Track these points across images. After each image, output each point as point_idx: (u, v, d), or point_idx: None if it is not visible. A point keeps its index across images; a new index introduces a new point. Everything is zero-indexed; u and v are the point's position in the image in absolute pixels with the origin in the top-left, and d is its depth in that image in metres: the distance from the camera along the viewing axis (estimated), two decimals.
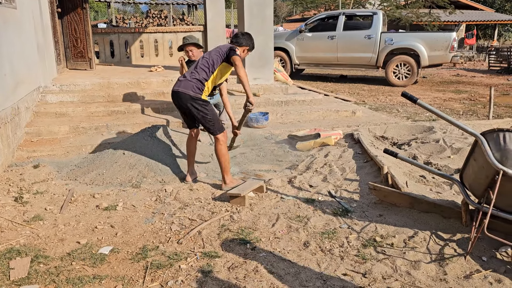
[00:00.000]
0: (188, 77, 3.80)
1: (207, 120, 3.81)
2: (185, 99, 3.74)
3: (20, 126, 5.14)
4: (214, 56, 3.80)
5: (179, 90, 3.76)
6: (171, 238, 2.98)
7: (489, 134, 2.68)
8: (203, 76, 3.76)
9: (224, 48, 3.81)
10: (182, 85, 3.77)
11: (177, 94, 3.78)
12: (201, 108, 3.77)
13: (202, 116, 3.79)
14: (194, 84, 3.74)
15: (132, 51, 10.48)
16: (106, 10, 31.02)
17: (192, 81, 3.76)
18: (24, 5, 5.71)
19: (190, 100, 3.73)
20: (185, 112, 3.89)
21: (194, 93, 3.73)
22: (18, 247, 2.84)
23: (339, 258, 2.69)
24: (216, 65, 3.79)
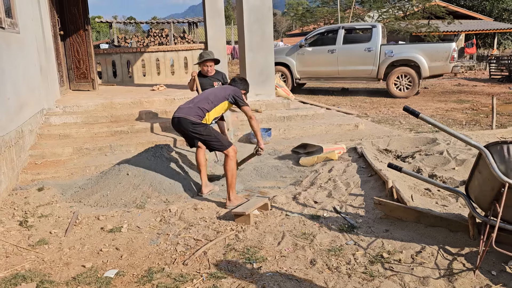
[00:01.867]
0: (190, 105, 4.00)
1: (212, 139, 3.92)
2: (186, 124, 3.88)
3: (24, 149, 5.16)
4: (221, 93, 4.10)
5: (180, 116, 3.91)
6: (177, 259, 2.96)
7: (492, 146, 2.67)
8: (205, 107, 3.97)
9: (230, 91, 4.10)
10: (183, 112, 3.94)
11: (178, 121, 3.93)
12: (202, 131, 3.90)
13: (206, 137, 3.91)
14: (195, 111, 3.92)
15: (134, 71, 10.58)
16: (108, 30, 31.42)
17: (194, 108, 3.94)
18: (27, 29, 5.79)
19: (191, 125, 3.87)
20: (187, 136, 4.03)
21: (194, 118, 3.88)
22: (24, 272, 2.83)
23: (347, 275, 2.66)
24: (220, 102, 4.05)
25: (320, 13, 21.71)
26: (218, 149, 3.99)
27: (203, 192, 4.18)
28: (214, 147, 4.00)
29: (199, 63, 5.33)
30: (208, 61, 5.24)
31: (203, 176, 4.24)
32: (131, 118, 6.58)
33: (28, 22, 5.90)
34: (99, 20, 27.48)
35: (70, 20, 8.38)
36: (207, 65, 5.26)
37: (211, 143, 3.95)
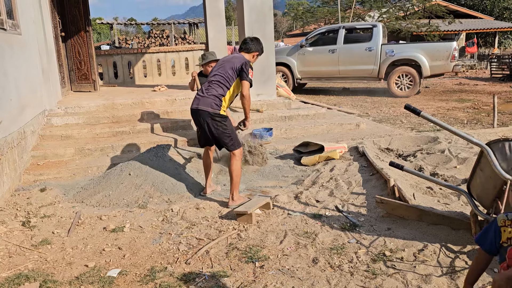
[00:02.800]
0: (205, 94, 3.84)
1: (226, 135, 3.83)
2: (204, 115, 3.79)
3: (27, 150, 5.17)
4: (230, 71, 3.86)
5: (199, 108, 3.82)
6: (179, 258, 2.97)
7: (494, 144, 2.67)
8: (220, 92, 3.83)
9: (238, 63, 3.87)
10: (201, 102, 3.82)
11: (197, 112, 3.84)
12: (220, 124, 3.81)
13: (221, 131, 3.81)
14: (212, 101, 3.79)
15: (135, 72, 10.59)
16: (108, 32, 31.46)
17: (210, 97, 3.81)
18: (29, 31, 5.81)
19: (209, 117, 3.78)
20: (203, 129, 3.89)
21: (212, 109, 3.78)
22: (27, 272, 2.84)
23: (349, 274, 2.66)
24: (232, 81, 3.87)
25: (320, 13, 21.74)
26: (228, 147, 3.87)
27: (206, 192, 4.18)
28: (225, 144, 3.88)
29: (202, 64, 5.34)
30: (212, 62, 5.24)
31: (208, 176, 4.22)
32: (132, 119, 6.59)
33: (30, 23, 5.92)
34: (100, 21, 27.56)
35: (71, 22, 8.40)
36: (211, 65, 5.25)
37: (224, 139, 3.83)
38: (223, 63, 3.98)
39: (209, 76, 3.99)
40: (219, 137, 3.85)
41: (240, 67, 3.84)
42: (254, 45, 4.06)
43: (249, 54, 4.05)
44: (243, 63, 3.86)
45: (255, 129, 6.12)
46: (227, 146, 3.91)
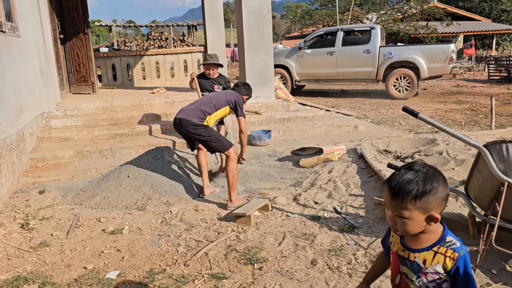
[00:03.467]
0: (193, 107, 4.06)
1: (213, 140, 3.96)
2: (187, 125, 3.92)
3: (25, 152, 5.17)
4: (223, 98, 4.19)
5: (182, 117, 3.96)
6: (178, 260, 2.97)
7: (492, 145, 2.69)
8: (207, 110, 4.04)
9: (233, 97, 4.20)
10: (186, 113, 3.98)
11: (180, 122, 3.97)
12: (203, 132, 3.93)
13: (207, 138, 3.95)
14: (196, 114, 3.97)
15: (134, 74, 10.60)
16: (107, 34, 31.48)
17: (196, 110, 4.00)
18: (28, 33, 5.81)
19: (192, 127, 3.91)
20: (188, 138, 4.06)
21: (195, 120, 3.92)
22: (25, 274, 2.84)
23: (347, 275, 2.67)
24: (221, 106, 4.14)
25: (319, 15, 21.80)
26: (219, 150, 4.02)
27: (204, 194, 4.20)
28: (215, 148, 4.02)
29: (202, 64, 5.42)
30: (212, 65, 5.29)
31: (205, 178, 4.26)
32: (131, 121, 6.60)
33: (29, 26, 5.93)
34: (98, 23, 27.56)
35: (70, 24, 8.41)
36: (210, 68, 5.31)
37: (212, 144, 3.97)
38: (219, 93, 4.42)
39: (202, 97, 4.34)
40: (206, 143, 4.01)
41: (234, 102, 4.17)
42: (245, 90, 4.44)
43: (241, 96, 4.32)
44: (238, 98, 4.21)
45: (253, 131, 6.13)
46: (217, 149, 4.04)
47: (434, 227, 1.38)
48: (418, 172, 1.33)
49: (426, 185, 1.30)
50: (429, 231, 1.39)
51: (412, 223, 1.34)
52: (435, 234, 1.39)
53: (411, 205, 1.31)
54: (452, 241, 1.37)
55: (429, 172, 1.33)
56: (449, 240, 1.37)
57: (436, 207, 1.33)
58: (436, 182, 1.31)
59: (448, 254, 1.35)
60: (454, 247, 1.36)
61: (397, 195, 1.32)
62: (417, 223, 1.34)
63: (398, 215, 1.34)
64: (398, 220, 1.35)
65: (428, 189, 1.30)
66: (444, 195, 1.34)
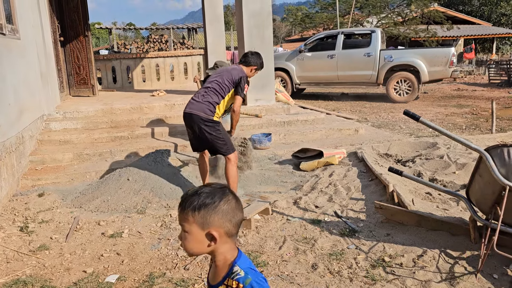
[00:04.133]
0: (200, 99, 3.89)
1: (219, 140, 3.84)
2: (197, 120, 3.81)
3: (25, 155, 5.16)
4: (227, 82, 3.93)
5: (192, 112, 3.84)
6: (178, 264, 2.96)
7: (493, 150, 2.67)
8: (215, 100, 3.87)
9: (236, 76, 3.95)
10: (194, 107, 3.85)
11: (190, 116, 3.86)
12: (213, 129, 3.82)
13: (214, 137, 3.83)
14: (206, 107, 3.83)
15: (134, 76, 10.60)
16: (107, 36, 31.52)
17: (204, 103, 3.85)
18: (28, 36, 5.81)
19: (202, 122, 3.80)
20: (196, 134, 3.90)
21: (206, 115, 3.81)
22: (25, 278, 2.82)
23: (348, 279, 2.65)
24: (227, 92, 3.94)
25: (319, 18, 21.84)
26: (222, 152, 3.89)
27: None
28: (219, 150, 3.90)
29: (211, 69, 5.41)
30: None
31: (206, 182, 4.23)
32: (131, 124, 6.59)
33: (29, 28, 5.93)
34: (98, 26, 27.58)
35: (70, 26, 8.41)
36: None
37: (217, 145, 3.85)
38: (221, 72, 4.04)
39: (206, 83, 4.04)
40: (212, 142, 3.86)
41: (237, 80, 3.93)
42: (254, 59, 4.10)
43: (247, 67, 4.10)
44: (241, 77, 3.95)
45: (254, 135, 6.12)
46: (221, 151, 3.91)
47: (225, 255, 1.27)
48: (209, 188, 1.27)
49: (207, 198, 1.24)
50: (221, 260, 1.28)
51: (191, 238, 1.25)
52: (226, 264, 1.27)
53: (191, 217, 1.23)
54: (237, 271, 1.24)
55: (217, 190, 1.27)
56: (235, 270, 1.25)
57: (217, 225, 1.23)
58: (220, 199, 1.24)
59: (234, 286, 1.23)
60: (238, 278, 1.23)
61: (181, 206, 1.26)
62: (196, 238, 1.24)
63: (182, 229, 1.27)
64: (182, 235, 1.27)
65: (208, 202, 1.23)
66: (229, 217, 1.25)
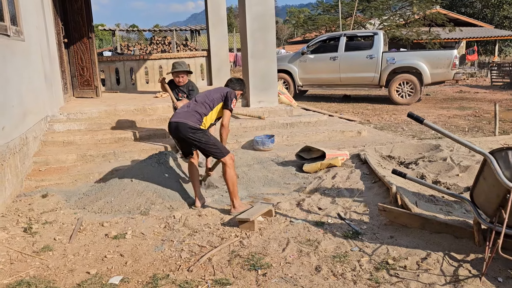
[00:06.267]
0: (187, 109, 3.95)
1: (210, 145, 3.86)
2: (184, 129, 3.82)
3: (28, 156, 5.17)
4: (216, 95, 4.07)
5: (179, 121, 3.85)
6: (181, 266, 2.96)
7: (497, 152, 2.67)
8: (203, 111, 3.93)
9: (225, 90, 4.10)
10: (181, 116, 3.88)
11: (176, 126, 3.86)
12: (201, 137, 3.84)
13: (204, 143, 3.85)
14: (193, 115, 3.87)
15: (137, 78, 10.62)
16: (111, 38, 31.59)
17: (191, 112, 3.90)
18: (32, 37, 5.83)
19: (190, 131, 3.81)
20: (185, 143, 3.96)
21: (193, 123, 3.83)
22: (28, 279, 2.82)
23: (352, 282, 2.65)
24: (216, 104, 4.03)
25: (321, 20, 21.83)
26: (216, 156, 3.90)
27: (197, 205, 4.02)
28: (212, 154, 3.93)
29: (171, 72, 5.47)
30: (181, 72, 5.36)
31: (196, 188, 4.11)
32: (134, 125, 6.60)
33: (33, 30, 5.95)
34: (102, 28, 27.67)
35: (74, 28, 8.44)
36: (180, 76, 5.38)
37: (209, 150, 3.88)
38: (211, 89, 4.22)
39: (195, 96, 4.18)
40: (203, 148, 3.90)
41: (226, 94, 4.04)
42: (239, 85, 4.30)
43: (234, 91, 4.20)
44: (230, 91, 4.08)
45: (256, 136, 6.12)
46: (214, 155, 3.93)
47: None
48: None
49: None
50: None
51: None
52: None
53: None
54: None
55: None
56: None
57: None
58: None
59: None
60: None
61: None
62: None
63: None
64: None
65: None
66: None
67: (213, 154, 3.93)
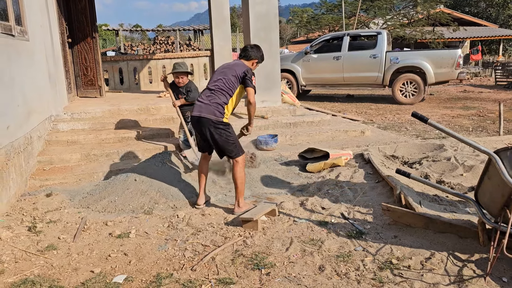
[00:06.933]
0: (207, 101, 3.77)
1: (230, 143, 3.78)
2: (207, 124, 3.72)
3: (33, 155, 5.20)
4: (232, 78, 3.82)
5: (201, 116, 3.73)
6: (185, 265, 2.96)
7: (502, 152, 2.66)
8: (223, 100, 3.77)
9: (240, 70, 3.84)
10: (204, 109, 3.74)
11: (199, 119, 3.75)
12: (223, 132, 3.75)
13: (225, 139, 3.76)
14: (215, 108, 3.73)
15: (140, 78, 10.64)
16: (114, 38, 31.66)
17: (213, 105, 3.74)
18: (36, 37, 5.85)
19: (212, 125, 3.72)
20: (205, 137, 3.83)
21: (216, 117, 3.71)
22: (33, 277, 2.84)
23: (356, 282, 2.65)
24: (234, 89, 3.83)
25: (325, 20, 21.79)
26: (230, 154, 3.82)
27: (200, 204, 3.99)
28: (227, 152, 3.83)
29: (171, 73, 5.49)
30: (181, 73, 5.37)
31: (202, 186, 4.06)
32: (138, 125, 6.61)
33: (37, 29, 5.97)
34: (105, 28, 27.76)
35: (78, 28, 8.47)
36: (180, 77, 5.40)
37: (227, 148, 3.78)
38: (224, 69, 3.94)
39: (210, 83, 3.92)
40: (222, 145, 3.79)
41: (243, 74, 3.82)
42: (254, 53, 4.03)
43: (248, 61, 4.01)
44: (246, 70, 3.84)
45: (260, 136, 6.12)
46: (230, 154, 3.84)
47: None
48: None
49: None
50: None
51: None
52: None
53: None
54: None
55: None
56: None
57: None
58: None
59: None
60: None
61: None
62: None
63: None
64: None
65: None
66: None
67: (229, 152, 3.81)
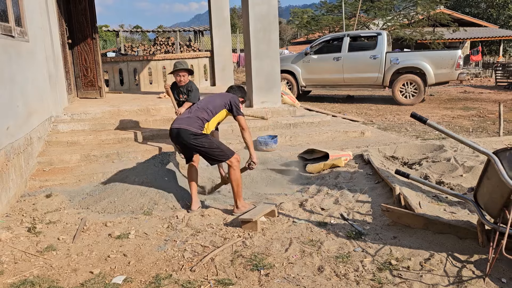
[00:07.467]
0: (189, 115, 3.91)
1: (214, 149, 3.82)
2: (186, 136, 3.77)
3: (33, 156, 5.20)
4: (219, 101, 4.03)
5: (180, 127, 3.79)
6: (184, 265, 2.96)
7: (501, 153, 2.66)
8: (204, 117, 3.88)
9: (228, 98, 4.05)
10: (183, 122, 3.83)
11: (177, 132, 3.81)
12: (203, 141, 3.79)
13: (207, 148, 3.80)
14: (195, 121, 3.82)
15: (141, 79, 10.64)
16: (114, 39, 31.68)
17: (193, 118, 3.85)
18: (37, 38, 5.86)
19: (192, 137, 3.76)
20: (187, 146, 3.87)
21: (195, 129, 3.78)
22: (32, 278, 2.84)
23: (355, 282, 2.65)
24: (218, 110, 3.98)
25: (325, 21, 21.81)
26: (220, 159, 3.86)
27: (192, 209, 3.95)
28: (216, 158, 3.86)
29: (171, 73, 5.42)
30: (181, 70, 5.28)
31: (194, 192, 4.05)
32: (138, 126, 6.62)
33: (37, 31, 5.98)
34: (106, 29, 27.78)
35: (78, 29, 8.47)
36: (180, 74, 5.30)
37: (213, 154, 3.82)
38: (213, 95, 4.19)
39: (197, 102, 4.17)
40: (207, 152, 3.83)
41: (230, 103, 4.01)
42: (240, 92, 4.30)
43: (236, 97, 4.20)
44: (233, 98, 4.06)
45: (259, 137, 6.12)
46: (220, 159, 3.87)
47: None
48: None
49: None
50: None
51: None
52: None
53: None
54: None
55: None
56: None
57: None
58: None
59: None
60: None
61: None
62: None
63: None
64: None
65: None
66: None
67: (217, 158, 3.85)
